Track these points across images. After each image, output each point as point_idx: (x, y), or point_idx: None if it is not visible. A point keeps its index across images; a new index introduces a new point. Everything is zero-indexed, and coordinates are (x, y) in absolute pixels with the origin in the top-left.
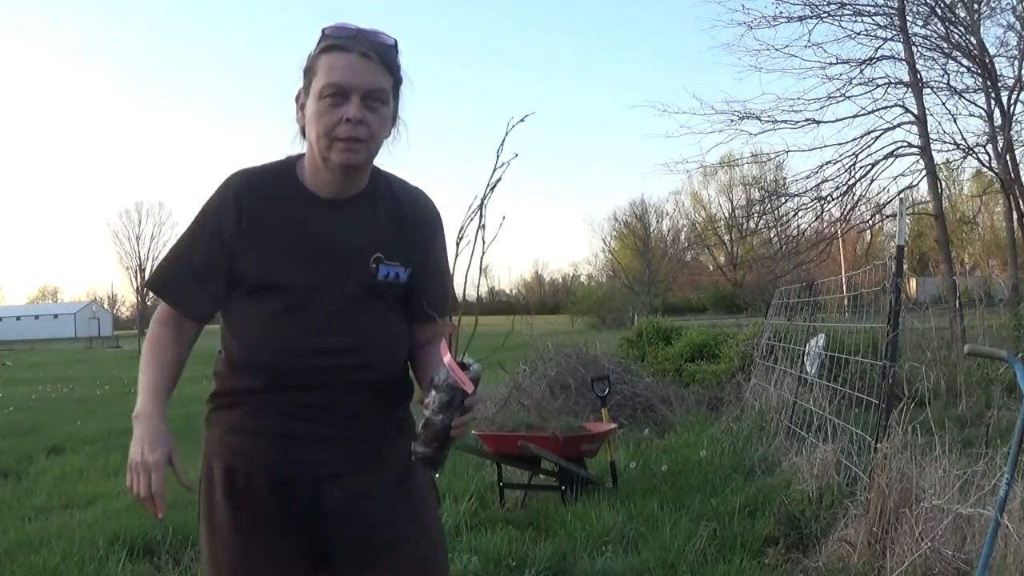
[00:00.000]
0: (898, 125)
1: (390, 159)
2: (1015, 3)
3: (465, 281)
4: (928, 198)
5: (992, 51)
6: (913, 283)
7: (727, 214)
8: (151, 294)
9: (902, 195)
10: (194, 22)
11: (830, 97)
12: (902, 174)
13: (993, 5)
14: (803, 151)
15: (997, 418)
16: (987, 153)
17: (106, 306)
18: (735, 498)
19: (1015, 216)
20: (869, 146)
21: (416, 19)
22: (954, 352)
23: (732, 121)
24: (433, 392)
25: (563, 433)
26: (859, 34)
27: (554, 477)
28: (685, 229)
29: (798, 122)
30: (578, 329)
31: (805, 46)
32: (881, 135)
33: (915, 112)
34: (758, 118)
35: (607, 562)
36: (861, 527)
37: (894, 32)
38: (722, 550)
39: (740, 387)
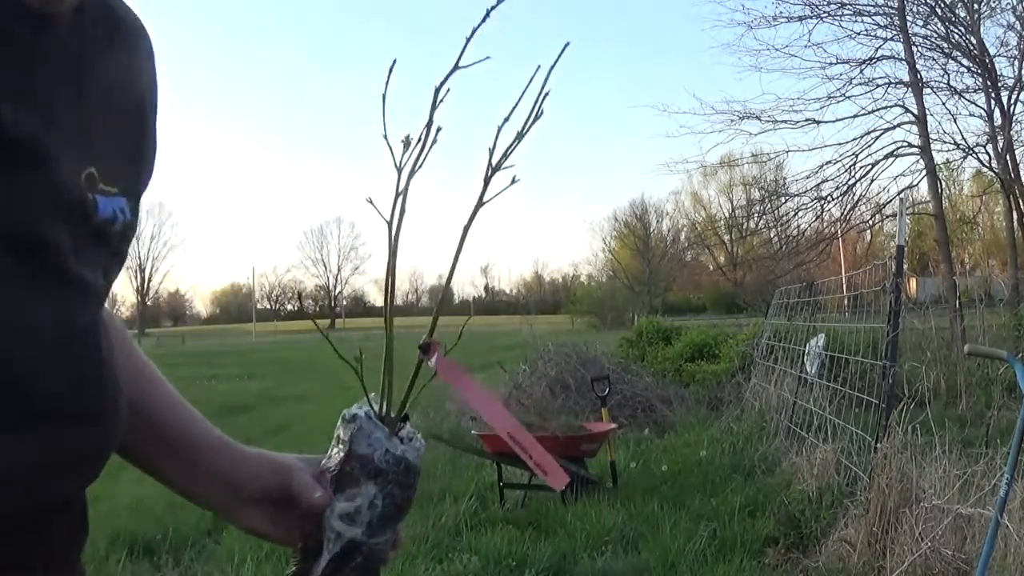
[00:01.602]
0: (898, 125)
1: None
2: (1015, 3)
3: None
4: (928, 198)
5: (992, 51)
6: (913, 283)
7: (727, 214)
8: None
9: (902, 195)
10: (195, 22)
11: (830, 97)
12: (902, 174)
13: (993, 5)
14: (803, 151)
15: (997, 418)
16: (987, 153)
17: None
18: (735, 498)
19: (1015, 216)
20: (869, 146)
21: (414, 19)
22: (954, 352)
23: (732, 121)
24: (369, 485)
25: (563, 433)
26: (859, 34)
27: None
28: (685, 229)
29: (798, 122)
30: (578, 329)
31: (805, 46)
32: (881, 135)
33: (915, 112)
34: (758, 118)
35: (607, 562)
36: (861, 527)
37: (894, 32)
38: (722, 550)
39: (740, 387)
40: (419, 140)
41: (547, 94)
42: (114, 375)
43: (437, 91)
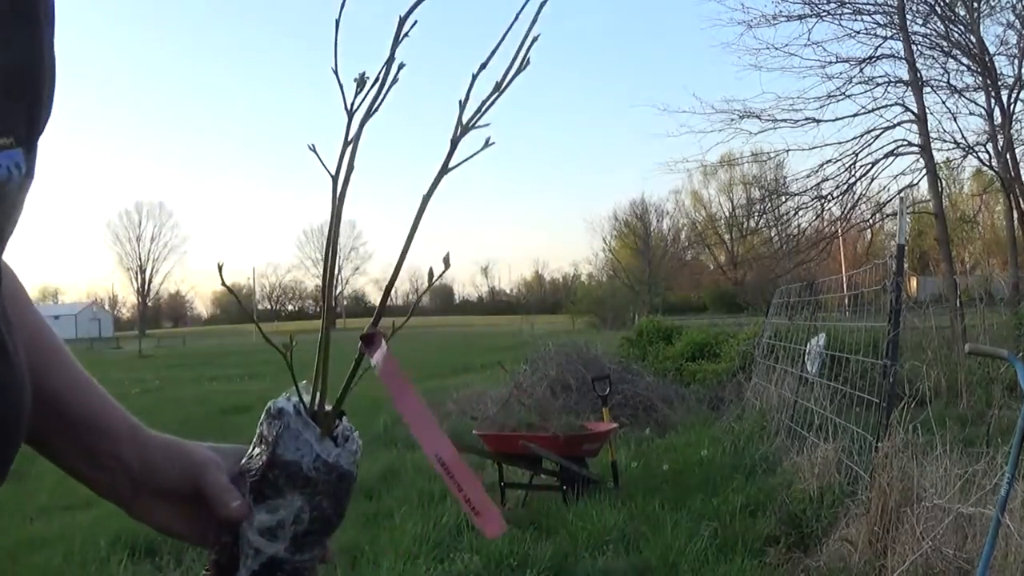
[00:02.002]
0: (898, 124)
1: None
2: (1015, 1)
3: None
4: (928, 197)
5: (992, 49)
6: (913, 282)
7: (727, 213)
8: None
9: (902, 194)
10: (191, 24)
11: (830, 96)
12: (902, 173)
13: (993, 3)
14: (803, 150)
15: (998, 417)
16: (987, 152)
17: (107, 307)
18: (736, 497)
19: (1015, 215)
20: (869, 145)
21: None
22: (955, 351)
23: (732, 120)
24: (295, 496)
25: (564, 433)
26: (859, 33)
27: (555, 477)
28: (685, 228)
29: (798, 121)
30: (578, 329)
31: (805, 45)
32: (881, 134)
33: (915, 111)
34: (758, 117)
35: (608, 561)
36: (862, 526)
37: (894, 31)
38: (723, 549)
39: (741, 386)
40: (376, 79)
41: (536, 38)
42: (22, 369)
43: (402, 21)
